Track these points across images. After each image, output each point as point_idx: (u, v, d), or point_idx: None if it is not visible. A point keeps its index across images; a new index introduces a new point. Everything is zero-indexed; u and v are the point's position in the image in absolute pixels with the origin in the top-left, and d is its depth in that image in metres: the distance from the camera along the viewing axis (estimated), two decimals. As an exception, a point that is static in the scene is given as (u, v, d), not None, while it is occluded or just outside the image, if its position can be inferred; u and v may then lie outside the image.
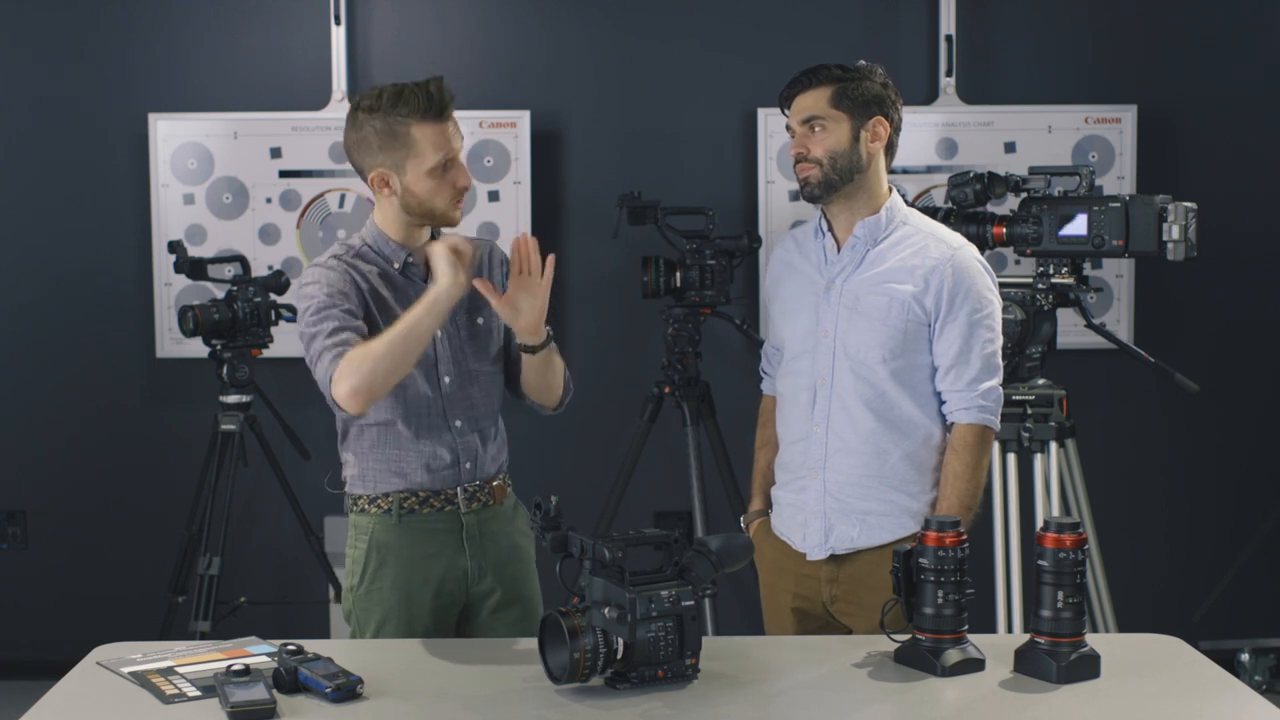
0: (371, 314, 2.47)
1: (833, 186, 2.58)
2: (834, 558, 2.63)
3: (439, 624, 2.54)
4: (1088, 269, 3.67)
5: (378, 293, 2.49)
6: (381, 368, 2.33)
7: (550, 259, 2.42)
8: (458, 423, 2.53)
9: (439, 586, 2.53)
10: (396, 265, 2.53)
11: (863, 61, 2.63)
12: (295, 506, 4.08)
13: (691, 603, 2.08)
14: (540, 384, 2.57)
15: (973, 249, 2.64)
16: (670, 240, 3.96)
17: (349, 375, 2.33)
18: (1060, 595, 2.11)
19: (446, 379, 2.52)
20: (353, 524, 2.56)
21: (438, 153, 2.44)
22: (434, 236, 2.59)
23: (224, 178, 4.35)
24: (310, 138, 4.34)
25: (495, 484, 2.59)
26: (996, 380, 2.60)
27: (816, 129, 2.58)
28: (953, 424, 2.60)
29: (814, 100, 2.59)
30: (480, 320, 2.58)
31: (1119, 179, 4.35)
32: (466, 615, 2.59)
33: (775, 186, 4.36)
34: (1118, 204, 3.37)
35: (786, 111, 2.65)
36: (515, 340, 2.52)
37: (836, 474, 2.61)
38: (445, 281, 2.34)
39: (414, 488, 2.51)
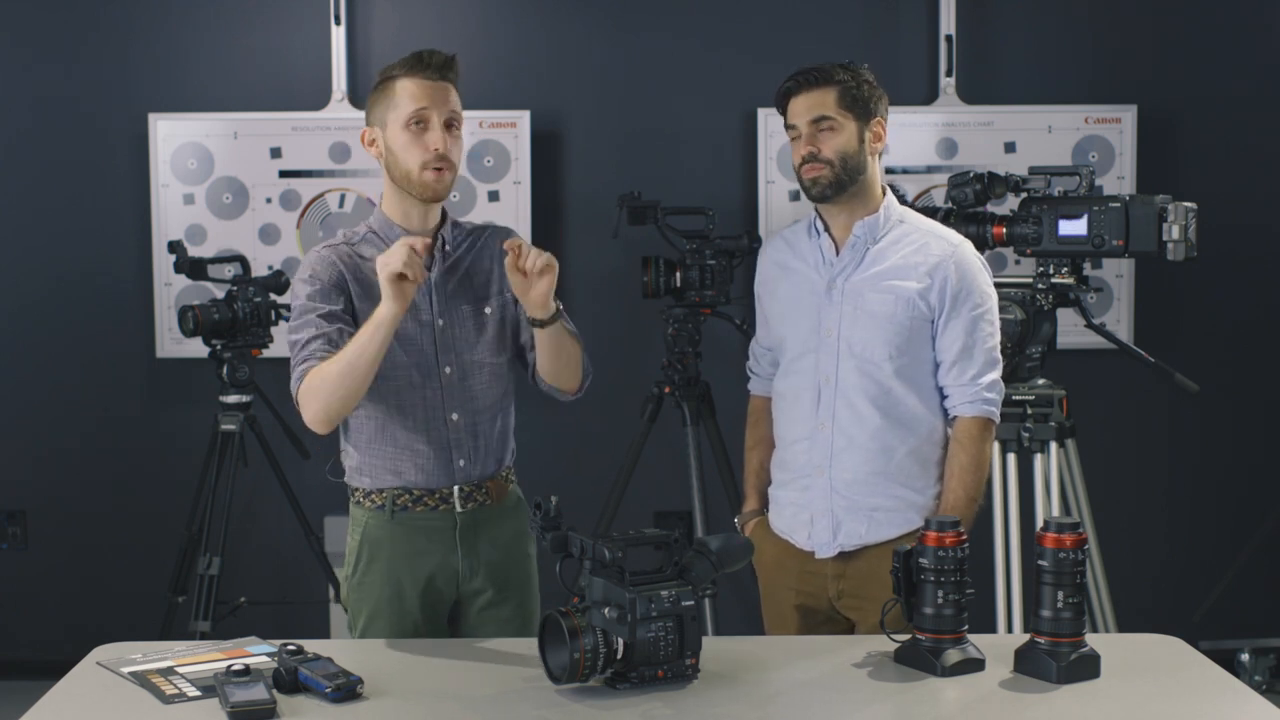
0: (361, 304, 2.47)
1: (842, 187, 2.59)
2: (841, 554, 2.64)
3: (429, 620, 2.54)
4: (1088, 269, 3.67)
5: (369, 281, 2.47)
6: (335, 394, 2.38)
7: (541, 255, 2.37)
8: (454, 416, 2.52)
9: (428, 584, 2.53)
10: None
11: (850, 61, 2.64)
12: (295, 506, 4.08)
13: (691, 603, 2.09)
14: (554, 365, 2.53)
15: (970, 245, 2.67)
16: (670, 240, 3.96)
17: (308, 402, 2.41)
18: (1060, 595, 2.11)
19: (447, 369, 2.51)
20: (351, 513, 2.58)
21: (413, 103, 2.45)
22: (443, 220, 2.58)
23: (224, 178, 4.35)
24: (310, 138, 4.34)
25: (493, 482, 2.57)
26: (997, 373, 2.63)
27: (826, 129, 2.58)
28: (955, 417, 2.62)
29: (821, 101, 2.59)
30: (488, 310, 2.57)
31: (1119, 179, 4.35)
32: (457, 612, 2.60)
33: (775, 186, 4.36)
34: (1118, 204, 3.37)
35: (783, 110, 2.65)
36: (526, 320, 2.50)
37: (843, 471, 2.62)
38: (385, 309, 2.31)
39: (408, 485, 2.51)
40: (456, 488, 2.53)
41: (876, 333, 2.59)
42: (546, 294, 2.39)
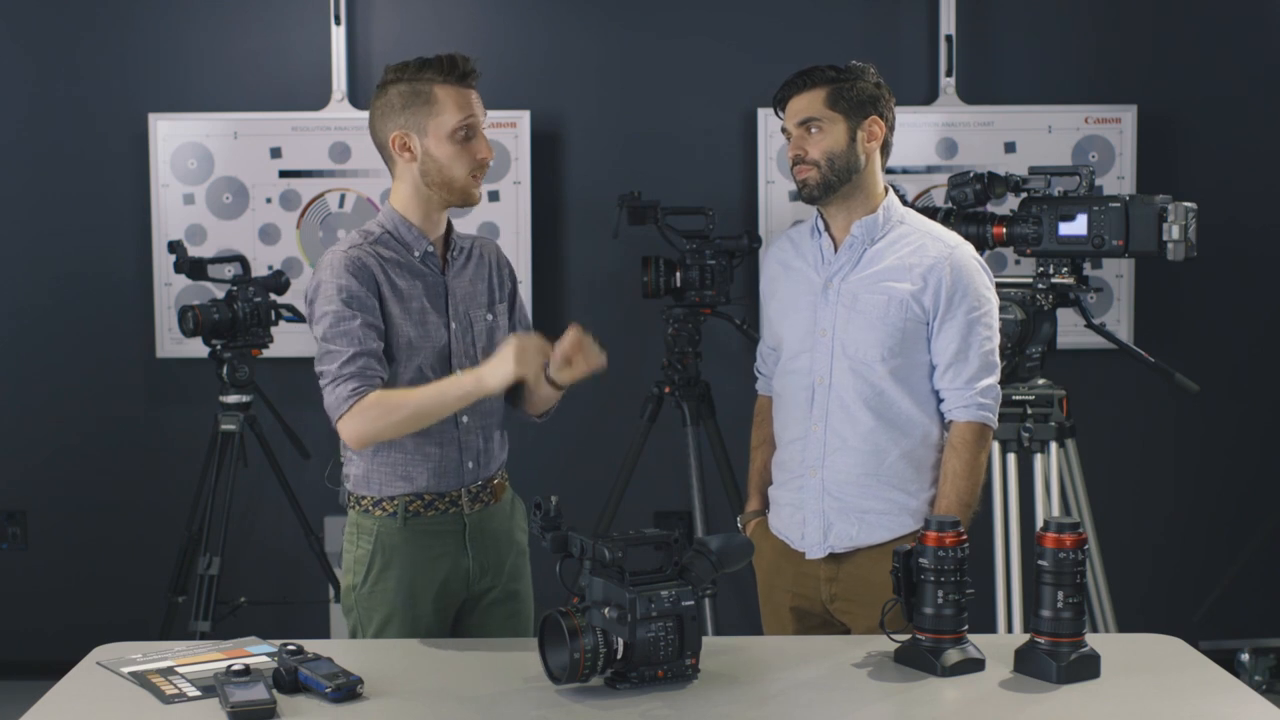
0: (386, 308, 2.47)
1: (831, 187, 2.59)
2: (833, 556, 2.63)
3: (440, 621, 2.55)
4: (1088, 269, 3.67)
5: (395, 284, 2.48)
6: (394, 429, 2.41)
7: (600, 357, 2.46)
8: (464, 419, 2.53)
9: (442, 587, 2.53)
10: (417, 254, 2.52)
11: (855, 61, 2.64)
12: (295, 506, 4.08)
13: (691, 603, 2.09)
14: (541, 406, 2.63)
15: (969, 247, 2.65)
16: (670, 240, 3.96)
17: (361, 423, 2.39)
18: (1060, 595, 2.11)
19: (458, 373, 2.51)
20: (354, 523, 2.56)
21: (459, 114, 2.46)
22: (449, 231, 2.58)
23: (224, 178, 4.35)
24: (310, 138, 4.34)
25: (496, 482, 2.60)
26: (994, 378, 2.61)
27: (813, 130, 2.59)
28: (951, 422, 2.61)
29: (809, 102, 2.60)
30: (491, 317, 2.59)
31: (1119, 179, 4.35)
32: (464, 610, 2.60)
33: (775, 186, 4.36)
34: (1118, 204, 3.37)
35: (781, 114, 2.66)
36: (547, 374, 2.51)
37: (835, 473, 2.62)
38: (501, 378, 2.35)
39: (419, 491, 2.51)
40: (465, 490, 2.54)
41: (870, 334, 2.59)
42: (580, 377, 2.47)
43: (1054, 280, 3.53)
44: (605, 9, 4.42)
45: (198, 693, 2.08)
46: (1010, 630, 3.49)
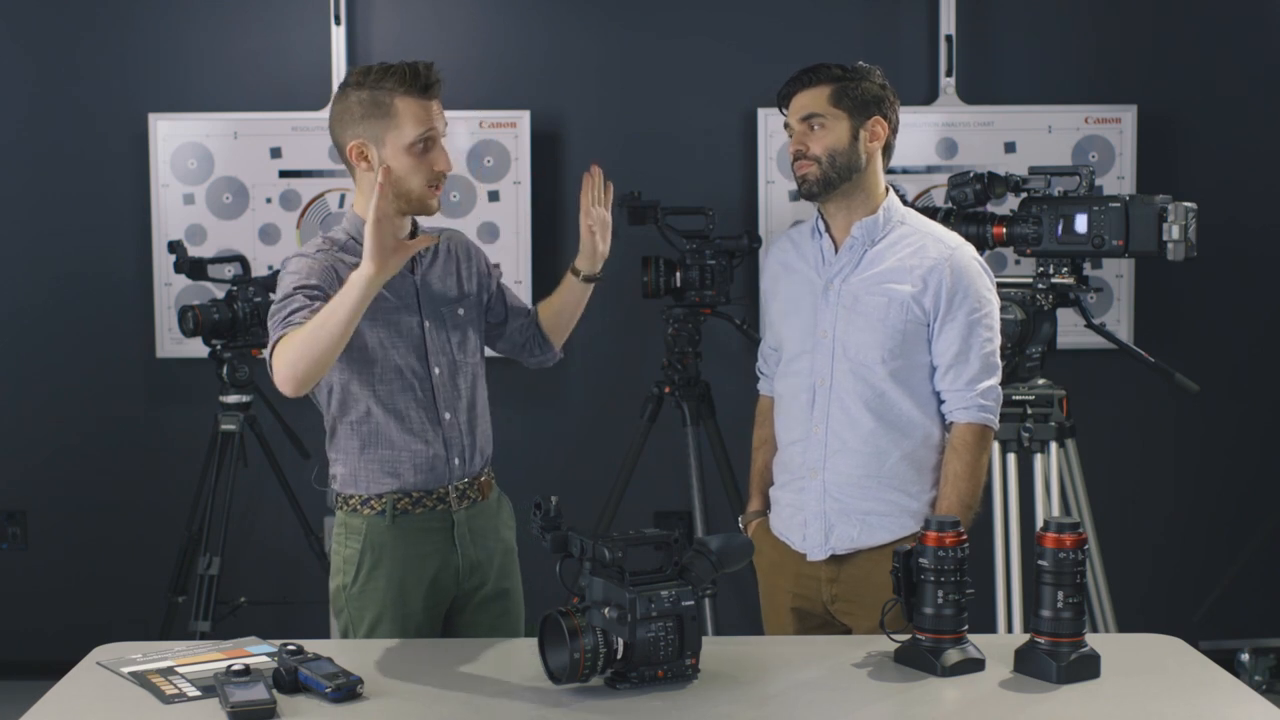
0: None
1: (831, 184, 2.59)
2: (834, 557, 2.63)
3: (431, 620, 2.56)
4: (1088, 269, 3.67)
5: None
6: (305, 354, 2.29)
7: (609, 187, 2.74)
8: (447, 415, 2.54)
9: (432, 585, 2.54)
10: None
11: (861, 62, 2.64)
12: (295, 506, 4.08)
13: (691, 603, 2.09)
14: (570, 317, 2.74)
15: (970, 248, 2.64)
16: (670, 240, 3.96)
17: (278, 361, 2.33)
18: (1060, 595, 2.11)
19: (437, 370, 2.54)
20: (343, 523, 2.57)
21: (418, 127, 2.45)
22: (414, 230, 2.59)
23: (224, 178, 4.35)
24: (310, 138, 4.34)
25: (482, 480, 2.61)
26: (995, 379, 2.61)
27: (815, 127, 2.59)
28: (952, 423, 2.61)
29: (813, 98, 2.60)
30: (461, 312, 2.61)
31: (1119, 179, 4.35)
32: (454, 609, 2.61)
33: (775, 186, 4.36)
34: (1118, 204, 3.37)
35: (784, 110, 2.66)
36: (577, 271, 2.71)
37: (836, 474, 2.62)
38: (366, 272, 2.25)
39: (406, 488, 2.52)
40: (452, 486, 2.54)
41: (870, 335, 2.59)
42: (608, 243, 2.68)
43: (1054, 280, 3.53)
44: (605, 9, 4.42)
45: (198, 693, 2.08)
46: (1010, 630, 3.49)
